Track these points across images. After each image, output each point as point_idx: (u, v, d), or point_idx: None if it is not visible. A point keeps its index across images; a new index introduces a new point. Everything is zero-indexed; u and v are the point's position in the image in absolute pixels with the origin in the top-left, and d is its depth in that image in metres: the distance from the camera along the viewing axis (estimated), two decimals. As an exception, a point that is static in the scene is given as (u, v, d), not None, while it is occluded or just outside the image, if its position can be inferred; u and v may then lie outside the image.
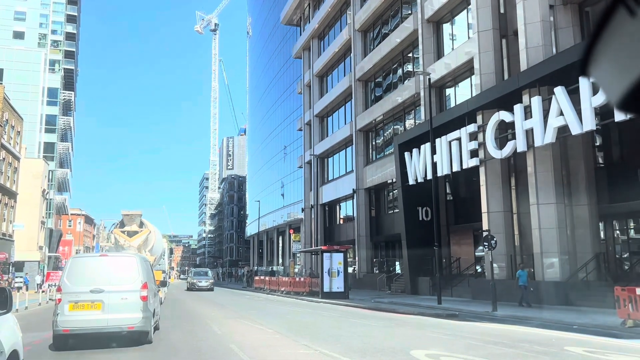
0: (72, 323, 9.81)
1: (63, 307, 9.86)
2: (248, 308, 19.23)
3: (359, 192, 36.03)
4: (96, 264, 10.88)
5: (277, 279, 31.86)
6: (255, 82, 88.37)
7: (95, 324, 9.88)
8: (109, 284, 10.07)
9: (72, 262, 10.89)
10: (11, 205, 37.85)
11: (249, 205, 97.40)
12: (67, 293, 9.96)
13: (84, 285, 10.01)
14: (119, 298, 10.02)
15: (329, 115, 44.47)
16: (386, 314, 16.34)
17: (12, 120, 36.88)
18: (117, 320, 9.89)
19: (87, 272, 10.41)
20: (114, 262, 11.02)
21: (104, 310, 9.89)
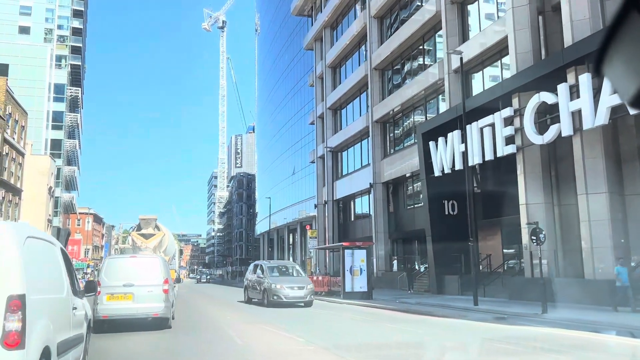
0: (110, 311, 12.01)
1: (102, 298, 11.98)
2: (264, 311, 17.61)
3: (376, 187, 34.35)
4: (127, 263, 13.24)
5: None
6: (264, 78, 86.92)
7: (128, 311, 12.10)
8: (138, 280, 12.26)
9: (108, 262, 13.37)
10: (15, 202, 36.54)
11: (259, 203, 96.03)
12: (105, 287, 12.08)
13: (118, 280, 12.19)
14: (146, 291, 12.16)
15: (343, 107, 42.79)
16: (421, 317, 14.67)
17: (16, 114, 35.56)
18: (144, 309, 12.13)
19: (120, 270, 12.61)
20: (141, 262, 13.38)
21: (134, 301, 12.08)
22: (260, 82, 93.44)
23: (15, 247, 4.45)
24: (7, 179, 34.06)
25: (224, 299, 25.69)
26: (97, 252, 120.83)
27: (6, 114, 32.67)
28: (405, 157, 31.53)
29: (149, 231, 26.29)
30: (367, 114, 36.09)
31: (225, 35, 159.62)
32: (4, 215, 34.02)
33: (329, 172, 43.39)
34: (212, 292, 35.21)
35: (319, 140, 46.42)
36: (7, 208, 34.20)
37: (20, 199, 37.80)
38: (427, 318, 14.39)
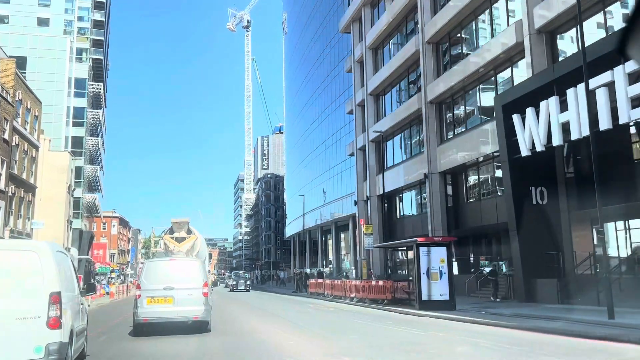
0: (150, 314, 11.96)
1: (142, 301, 12.04)
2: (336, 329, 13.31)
3: (432, 177, 29.79)
4: (167, 266, 13.15)
5: (341, 283, 25.78)
6: (292, 75, 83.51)
7: (168, 314, 12.02)
8: (178, 283, 12.24)
9: (148, 264, 13.34)
10: (28, 200, 33.09)
11: (288, 204, 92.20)
12: (145, 290, 12.14)
13: (158, 283, 12.20)
14: (186, 294, 12.11)
15: (387, 92, 38.34)
16: (551, 337, 10.28)
17: (28, 102, 32.12)
18: (185, 312, 12.02)
19: (160, 273, 12.58)
20: (181, 265, 13.44)
21: (174, 304, 12.02)
22: (287, 80, 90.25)
23: (52, 258, 6.94)
24: (18, 174, 30.60)
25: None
26: (124, 257, 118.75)
27: (15, 100, 29.20)
28: (467, 141, 26.99)
29: (181, 234, 25.31)
30: (419, 94, 31.59)
31: (250, 34, 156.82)
32: (15, 213, 30.56)
33: (372, 165, 38.98)
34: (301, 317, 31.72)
35: (359, 131, 42.08)
36: (18, 205, 30.72)
37: (34, 196, 34.35)
38: (558, 339, 10.02)
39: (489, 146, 24.51)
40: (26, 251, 7.03)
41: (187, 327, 12.32)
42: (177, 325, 12.26)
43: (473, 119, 27.34)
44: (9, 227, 28.86)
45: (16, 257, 6.91)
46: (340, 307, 20.92)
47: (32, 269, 6.72)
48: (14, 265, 6.75)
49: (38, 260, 6.77)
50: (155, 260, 15.18)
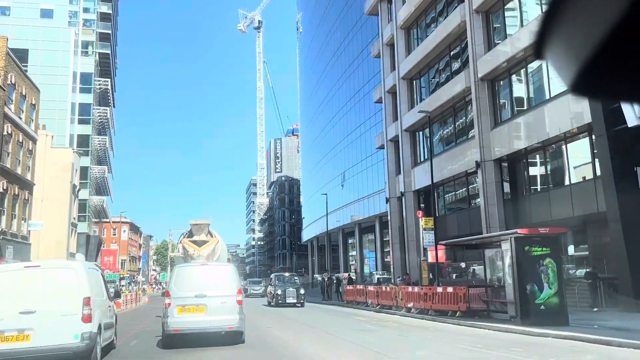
0: (181, 324, 11.26)
1: (172, 310, 11.37)
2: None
3: (485, 166, 25.67)
4: (198, 272, 12.40)
5: (392, 290, 21.58)
6: (306, 74, 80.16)
7: (201, 324, 11.29)
8: (210, 290, 11.52)
9: (178, 270, 12.51)
10: (24, 198, 29.43)
11: (304, 207, 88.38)
12: (175, 298, 11.47)
13: (189, 290, 11.50)
14: (219, 302, 11.40)
15: (423, 74, 34.31)
16: None
17: (23, 88, 28.54)
18: (218, 322, 11.30)
19: (191, 279, 11.88)
20: (213, 270, 12.78)
21: (207, 313, 11.30)
22: (302, 80, 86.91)
23: (84, 273, 9.79)
24: (12, 167, 26.96)
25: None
26: (135, 263, 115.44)
27: (7, 84, 25.59)
28: (530, 122, 22.89)
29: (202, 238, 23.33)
30: (465, 72, 27.54)
31: (261, 35, 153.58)
32: (8, 213, 26.88)
33: (406, 157, 34.93)
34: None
35: (389, 120, 38.07)
36: (11, 204, 27.04)
37: (31, 194, 30.70)
38: None
39: (565, 123, 20.39)
40: (66, 268, 10.19)
41: (219, 338, 11.37)
42: (209, 337, 11.34)
43: (539, 94, 23.20)
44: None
45: (60, 273, 9.82)
46: (401, 322, 16.59)
47: (71, 281, 9.49)
48: (59, 279, 9.57)
49: (75, 275, 9.65)
50: (186, 265, 13.94)
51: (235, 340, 11.51)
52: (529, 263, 12.54)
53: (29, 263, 12.36)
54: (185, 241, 23.14)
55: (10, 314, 8.83)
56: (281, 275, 32.63)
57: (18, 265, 11.38)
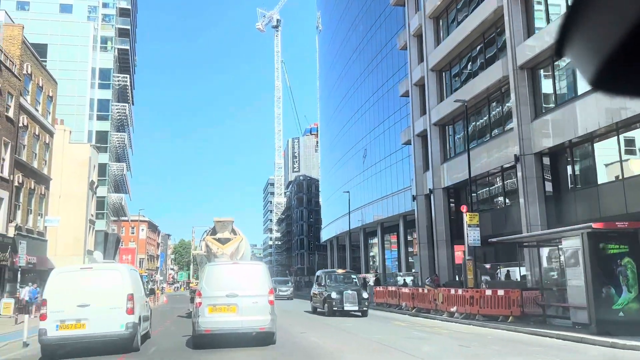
0: (212, 324, 11.15)
1: (203, 310, 11.26)
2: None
3: (525, 160, 23.98)
4: (229, 271, 12.26)
5: (429, 292, 19.95)
6: (326, 72, 79.02)
7: (232, 325, 11.18)
8: (242, 289, 11.32)
9: (209, 269, 12.54)
10: (40, 193, 28.49)
11: (323, 206, 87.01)
12: (206, 297, 11.34)
13: (220, 290, 11.35)
14: (251, 302, 11.15)
15: (453, 65, 32.68)
16: None
17: (40, 79, 27.61)
18: (250, 322, 11.12)
19: (222, 278, 11.72)
20: (244, 269, 12.50)
21: (238, 313, 11.14)
22: (322, 76, 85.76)
23: (128, 274, 11.68)
24: (28, 161, 26.01)
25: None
26: (153, 262, 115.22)
27: (23, 74, 24.62)
28: (579, 111, 21.17)
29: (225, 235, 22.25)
30: (502, 61, 25.87)
31: (280, 34, 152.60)
32: (23, 208, 25.91)
33: (435, 152, 33.32)
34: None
35: (417, 114, 36.48)
36: (27, 199, 26.09)
37: (47, 189, 29.77)
38: None
39: (616, 112, 18.67)
40: (114, 270, 12.48)
41: (250, 339, 11.29)
42: (240, 337, 11.21)
43: (585, 82, 21.45)
44: (14, 222, 24.24)
45: (108, 273, 11.87)
46: (449, 328, 14.85)
47: (117, 280, 11.39)
48: (107, 278, 11.47)
49: (120, 275, 11.65)
50: (217, 264, 13.92)
51: (266, 341, 11.26)
52: (604, 262, 10.94)
53: (83, 265, 16.08)
54: (208, 239, 22.07)
55: (70, 307, 10.84)
56: (333, 274, 24.99)
57: (75, 267, 13.75)
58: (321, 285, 23.22)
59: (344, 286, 22.04)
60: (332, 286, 22.12)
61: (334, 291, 21.29)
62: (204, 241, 22.41)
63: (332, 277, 23.86)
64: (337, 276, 24.18)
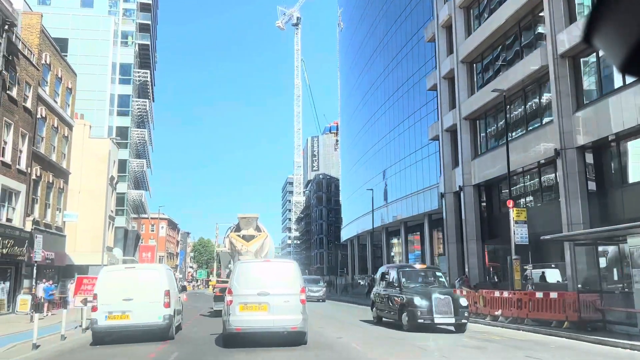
0: (244, 323, 10.95)
1: (234, 308, 11.05)
2: None
3: (566, 154, 22.48)
4: (260, 268, 12.14)
5: (468, 294, 18.46)
6: (347, 69, 77.75)
7: (263, 324, 10.97)
8: (273, 288, 11.03)
9: (240, 266, 12.50)
10: (59, 187, 27.84)
11: (343, 206, 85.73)
12: (237, 295, 11.11)
13: (251, 288, 11.12)
14: (282, 300, 10.89)
15: (485, 57, 31.21)
16: None
17: (59, 70, 26.95)
18: (282, 321, 10.89)
19: (253, 276, 11.49)
20: (276, 267, 12.34)
21: (269, 312, 10.86)
22: (343, 74, 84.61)
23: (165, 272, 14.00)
24: (46, 154, 25.34)
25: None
26: (172, 260, 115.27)
27: (42, 64, 23.93)
28: (627, 101, 19.65)
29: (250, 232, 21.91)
30: (541, 49, 24.38)
31: (299, 32, 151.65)
32: (41, 202, 25.24)
33: (465, 148, 31.89)
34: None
35: (445, 108, 35.05)
36: (45, 193, 25.42)
37: (66, 183, 29.13)
38: None
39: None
40: (153, 269, 15.01)
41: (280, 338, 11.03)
42: (270, 337, 11.06)
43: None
44: (32, 217, 23.55)
45: (148, 272, 13.97)
46: (500, 334, 13.66)
47: (156, 278, 13.26)
48: (149, 277, 13.31)
49: (158, 274, 13.68)
50: (248, 261, 14.15)
51: (297, 341, 11.09)
52: None
53: (127, 265, 19.27)
54: (232, 235, 21.28)
55: (116, 300, 12.47)
56: (408, 270, 18.29)
57: (120, 266, 17.54)
58: (392, 286, 16.82)
59: (429, 288, 15.82)
60: (413, 288, 15.93)
61: (419, 295, 15.08)
62: (228, 238, 21.68)
63: (408, 274, 17.29)
64: (415, 273, 17.80)
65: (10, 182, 21.39)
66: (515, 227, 18.71)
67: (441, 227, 44.81)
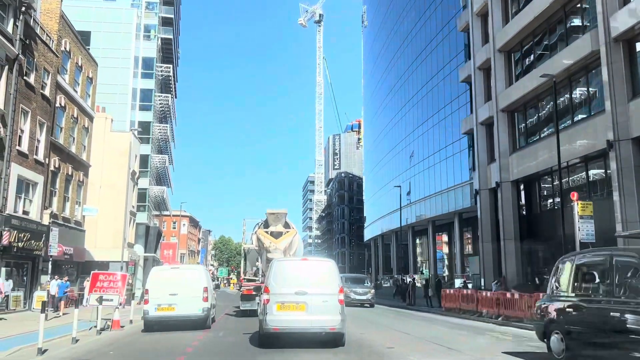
0: (281, 322, 10.64)
1: (272, 307, 10.69)
2: None
3: (620, 146, 20.61)
4: (298, 267, 11.64)
5: (520, 298, 16.52)
6: (373, 61, 76.08)
7: (301, 324, 10.66)
8: (311, 287, 10.77)
9: (277, 264, 11.60)
10: (79, 180, 26.90)
11: (366, 205, 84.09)
12: (274, 294, 10.76)
13: (288, 287, 10.81)
14: (320, 300, 10.62)
15: (525, 44, 29.30)
16: None
17: (79, 58, 25.99)
18: (320, 322, 10.59)
19: (291, 275, 11.14)
20: (313, 265, 11.81)
21: (307, 312, 10.55)
22: (367, 71, 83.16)
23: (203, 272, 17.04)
24: (65, 144, 24.37)
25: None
26: (194, 258, 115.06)
27: (61, 50, 22.93)
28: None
29: (278, 229, 21.03)
30: (591, 33, 22.48)
31: (322, 29, 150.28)
32: (60, 195, 24.29)
33: (503, 142, 30.06)
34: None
35: (480, 101, 33.25)
36: (64, 185, 24.46)
37: (86, 176, 28.19)
38: None
39: None
40: (194, 269, 17.90)
41: (317, 339, 10.88)
42: (307, 337, 10.84)
43: None
44: (49, 210, 22.56)
45: (191, 271, 17.09)
46: None
47: (196, 276, 16.00)
48: (190, 275, 16.07)
49: (198, 272, 16.51)
50: (285, 259, 14.00)
51: (335, 342, 10.83)
52: None
53: (173, 265, 24.65)
54: (260, 232, 20.18)
55: (164, 295, 14.85)
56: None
57: (167, 266, 21.15)
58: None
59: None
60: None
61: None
62: (255, 234, 20.70)
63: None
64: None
65: (27, 172, 20.45)
66: (580, 222, 16.96)
67: (471, 227, 43.02)
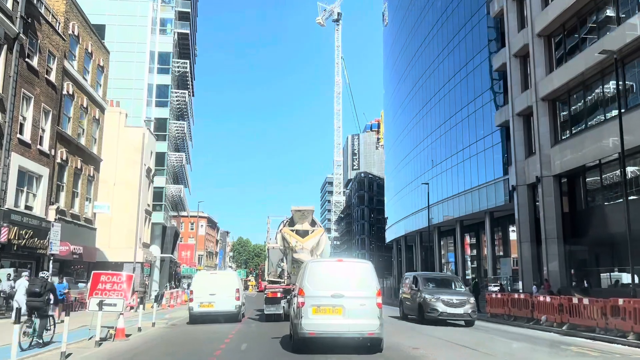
0: (317, 327, 10.06)
1: (307, 310, 10.15)
2: None
3: (688, 132, 18.19)
4: (333, 268, 11.00)
5: (590, 304, 14.16)
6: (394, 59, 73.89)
7: (338, 328, 10.10)
8: (347, 290, 10.28)
9: (311, 266, 11.13)
10: (89, 175, 25.26)
11: (387, 206, 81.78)
12: (309, 297, 10.27)
13: (324, 289, 10.27)
14: (357, 304, 10.15)
15: (567, 27, 26.89)
16: None
17: (88, 44, 24.38)
18: (357, 326, 10.09)
19: (326, 277, 10.60)
20: (350, 267, 11.12)
21: (344, 315, 10.06)
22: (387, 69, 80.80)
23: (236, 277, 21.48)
24: (73, 136, 22.73)
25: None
26: (211, 259, 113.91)
27: (69, 34, 21.28)
28: None
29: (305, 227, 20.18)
30: (651, 7, 20.14)
31: (340, 28, 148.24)
32: (68, 189, 22.62)
33: (544, 133, 27.70)
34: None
35: (516, 90, 30.91)
36: (72, 179, 22.80)
37: (97, 170, 26.56)
38: None
39: None
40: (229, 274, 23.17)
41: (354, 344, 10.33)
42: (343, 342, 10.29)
43: None
44: (56, 205, 20.90)
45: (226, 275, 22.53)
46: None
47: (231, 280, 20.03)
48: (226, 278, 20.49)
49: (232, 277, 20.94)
50: (320, 261, 13.06)
51: (372, 348, 10.40)
52: None
53: (212, 271, 29.91)
54: (285, 231, 18.81)
55: (205, 294, 18.81)
56: None
57: (206, 271, 28.42)
58: None
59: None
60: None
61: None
62: (280, 233, 19.26)
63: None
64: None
65: (29, 163, 18.82)
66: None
67: (501, 226, 40.60)
